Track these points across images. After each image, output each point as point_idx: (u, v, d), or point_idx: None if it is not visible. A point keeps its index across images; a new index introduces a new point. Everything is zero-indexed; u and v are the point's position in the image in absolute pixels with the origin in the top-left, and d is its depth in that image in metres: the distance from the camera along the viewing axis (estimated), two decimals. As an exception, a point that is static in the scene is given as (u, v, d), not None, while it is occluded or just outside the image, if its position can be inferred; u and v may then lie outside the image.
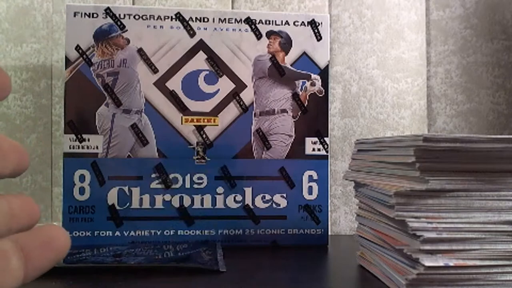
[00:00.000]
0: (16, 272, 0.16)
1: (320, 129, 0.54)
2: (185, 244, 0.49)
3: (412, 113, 0.66)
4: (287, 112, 0.53)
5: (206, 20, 0.53)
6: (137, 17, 0.52)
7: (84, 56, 0.51)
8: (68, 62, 0.51)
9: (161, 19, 0.52)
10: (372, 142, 0.41)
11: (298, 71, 0.54)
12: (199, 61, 0.52)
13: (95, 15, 0.51)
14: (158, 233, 0.51)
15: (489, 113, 0.68)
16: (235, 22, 0.53)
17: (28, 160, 0.19)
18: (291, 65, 0.54)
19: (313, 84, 0.54)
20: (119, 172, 0.51)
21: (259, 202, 0.53)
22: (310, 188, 0.53)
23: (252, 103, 0.53)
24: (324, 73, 0.54)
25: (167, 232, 0.51)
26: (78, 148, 0.51)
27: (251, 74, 0.53)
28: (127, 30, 0.52)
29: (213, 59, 0.53)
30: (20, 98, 0.62)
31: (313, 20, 0.54)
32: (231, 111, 0.53)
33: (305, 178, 0.53)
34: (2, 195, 0.18)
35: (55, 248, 0.17)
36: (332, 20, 0.66)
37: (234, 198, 0.52)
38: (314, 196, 0.53)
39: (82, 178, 0.50)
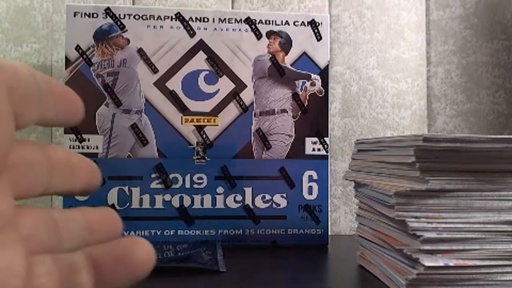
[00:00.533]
0: (84, 287, 0.16)
1: (320, 129, 0.54)
2: (185, 244, 0.49)
3: (412, 113, 0.66)
4: (287, 112, 0.53)
5: (206, 20, 0.53)
6: (137, 17, 0.52)
7: (84, 56, 0.51)
8: (68, 62, 0.51)
9: (161, 19, 0.52)
10: (372, 142, 0.41)
11: (298, 71, 0.54)
12: (199, 61, 0.52)
13: (95, 15, 0.51)
14: (158, 233, 0.51)
15: (489, 113, 0.68)
16: (235, 22, 0.53)
17: (99, 177, 0.18)
18: (291, 65, 0.54)
19: (313, 84, 0.54)
20: (119, 172, 0.51)
21: (259, 202, 0.53)
22: (310, 188, 0.53)
23: (252, 103, 0.53)
24: (324, 73, 0.54)
25: (167, 232, 0.51)
26: (78, 148, 0.51)
27: (251, 74, 0.53)
28: (127, 30, 0.52)
29: (213, 59, 0.53)
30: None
31: (313, 20, 0.54)
32: (231, 111, 0.53)
33: (305, 178, 0.53)
34: (81, 208, 0.17)
35: (132, 264, 0.16)
36: (332, 20, 0.66)
37: (234, 198, 0.52)
38: (314, 196, 0.53)
39: (82, 178, 0.50)
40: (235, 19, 0.53)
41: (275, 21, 0.54)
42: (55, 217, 0.16)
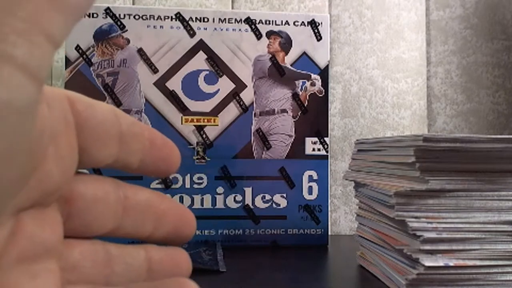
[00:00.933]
0: None
1: (320, 129, 0.54)
2: (185, 244, 0.49)
3: (412, 113, 0.66)
4: (287, 112, 0.54)
5: (206, 20, 0.53)
6: (137, 17, 0.52)
7: (84, 56, 0.51)
8: (68, 62, 0.51)
9: (161, 19, 0.52)
10: (372, 142, 0.41)
11: (298, 71, 0.54)
12: (199, 61, 0.52)
13: (95, 15, 0.51)
14: (158, 233, 0.51)
15: (489, 113, 0.68)
16: (235, 22, 0.53)
17: (193, 228, 0.17)
18: (291, 65, 0.54)
19: (313, 84, 0.54)
20: (119, 172, 0.51)
21: (259, 202, 0.53)
22: (310, 188, 0.53)
23: (252, 103, 0.53)
24: (324, 73, 0.54)
25: (167, 232, 0.51)
26: (78, 148, 0.51)
27: (251, 74, 0.53)
28: (127, 30, 0.52)
29: (213, 59, 0.53)
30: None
31: (313, 20, 0.54)
32: (231, 111, 0.53)
33: (305, 178, 0.53)
34: (147, 245, 0.17)
35: None
36: (332, 20, 0.66)
37: (234, 198, 0.52)
38: (314, 196, 0.53)
39: (82, 178, 0.50)
40: (235, 19, 0.53)
41: (275, 21, 0.54)
42: (111, 251, 0.16)
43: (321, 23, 0.54)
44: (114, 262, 0.15)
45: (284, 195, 0.53)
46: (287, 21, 0.54)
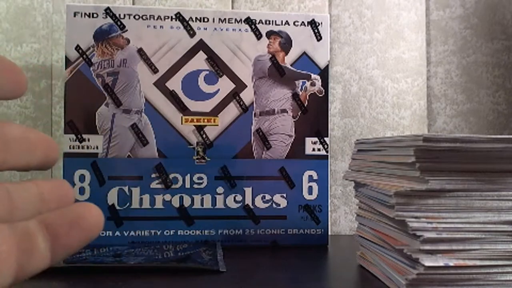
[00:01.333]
0: (42, 252, 0.16)
1: (320, 129, 0.54)
2: (185, 244, 0.49)
3: (412, 113, 0.66)
4: (287, 112, 0.53)
5: (206, 20, 0.53)
6: (137, 17, 0.52)
7: (84, 56, 0.51)
8: (68, 62, 0.51)
9: (161, 19, 0.52)
10: (372, 142, 0.41)
11: (298, 71, 0.54)
12: (199, 61, 0.52)
13: (95, 15, 0.51)
14: (158, 233, 0.51)
15: (489, 113, 0.68)
16: (235, 22, 0.53)
17: (57, 153, 0.19)
18: (291, 65, 0.54)
19: (313, 84, 0.54)
20: (119, 172, 0.51)
21: (259, 202, 0.53)
22: (310, 188, 0.53)
23: (252, 103, 0.53)
24: (324, 73, 0.54)
25: (167, 232, 0.51)
26: (78, 148, 0.51)
27: (251, 74, 0.53)
28: (127, 30, 0.52)
29: (213, 59, 0.53)
30: (20, 98, 0.62)
31: (313, 20, 0.54)
32: (231, 111, 0.53)
33: (305, 178, 0.53)
34: (32, 179, 0.18)
35: (84, 227, 0.17)
36: (332, 20, 0.66)
37: (234, 198, 0.52)
38: (314, 196, 0.53)
39: (82, 178, 0.50)
40: (235, 19, 0.53)
41: (275, 21, 0.54)
42: (9, 188, 0.17)
43: (321, 23, 0.54)
44: (14, 197, 0.17)
45: (284, 195, 0.53)
46: (287, 21, 0.54)
